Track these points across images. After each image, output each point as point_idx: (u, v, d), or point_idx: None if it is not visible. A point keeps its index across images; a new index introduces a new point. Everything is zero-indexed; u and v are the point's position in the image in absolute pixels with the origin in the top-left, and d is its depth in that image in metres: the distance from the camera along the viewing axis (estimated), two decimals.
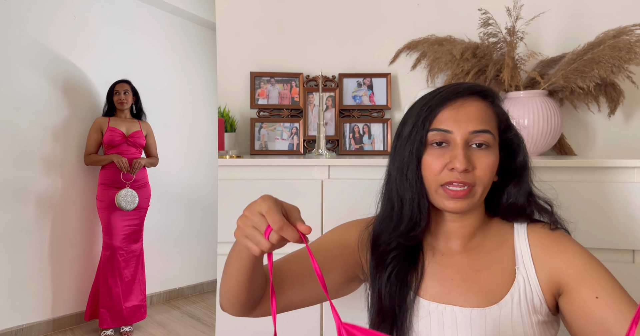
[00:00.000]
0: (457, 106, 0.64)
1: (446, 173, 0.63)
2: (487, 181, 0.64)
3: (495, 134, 0.65)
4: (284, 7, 1.54)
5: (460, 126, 0.63)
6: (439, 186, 0.64)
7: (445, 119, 0.64)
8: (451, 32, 1.47)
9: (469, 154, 0.63)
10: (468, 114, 0.63)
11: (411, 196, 0.66)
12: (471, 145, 0.63)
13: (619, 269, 1.07)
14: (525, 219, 0.70)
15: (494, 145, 0.65)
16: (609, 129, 1.43)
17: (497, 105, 0.69)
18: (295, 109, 1.51)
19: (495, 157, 0.65)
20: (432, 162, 0.64)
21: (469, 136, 0.63)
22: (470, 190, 0.63)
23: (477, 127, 0.63)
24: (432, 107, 0.65)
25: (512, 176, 0.69)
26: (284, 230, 0.50)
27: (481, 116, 0.64)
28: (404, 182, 0.67)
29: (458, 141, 0.63)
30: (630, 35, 1.20)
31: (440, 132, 0.63)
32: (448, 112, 0.64)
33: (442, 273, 0.69)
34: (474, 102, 0.65)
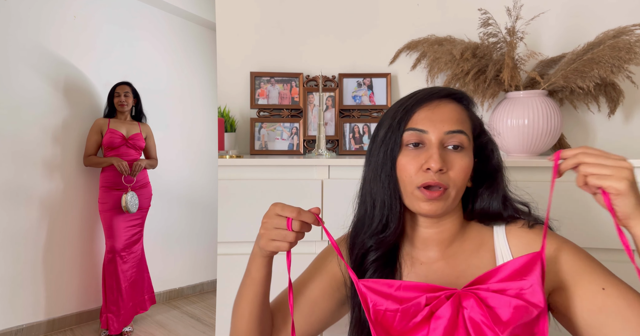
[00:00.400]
0: (433, 107, 0.65)
1: (421, 174, 0.62)
2: (461, 183, 0.64)
3: (470, 137, 0.66)
4: (284, 7, 1.54)
5: (436, 126, 0.63)
6: (415, 188, 0.63)
7: (421, 119, 0.64)
8: (451, 32, 1.47)
9: (444, 154, 0.63)
10: (443, 114, 0.64)
11: (382, 198, 0.66)
12: (446, 146, 0.64)
13: (619, 270, 1.06)
14: (502, 221, 0.70)
15: (469, 148, 0.65)
16: (609, 129, 1.43)
17: (471, 110, 0.70)
18: (295, 109, 1.52)
19: (470, 160, 0.65)
20: (408, 163, 0.64)
21: (444, 137, 0.63)
22: (444, 191, 0.62)
23: (453, 127, 0.63)
24: (408, 108, 0.66)
25: (485, 180, 0.69)
26: (302, 214, 0.59)
27: (456, 117, 0.65)
28: (377, 183, 0.67)
29: (433, 141, 0.63)
30: (630, 35, 1.20)
31: (416, 132, 0.64)
32: (424, 112, 0.65)
33: None
34: (449, 104, 0.66)
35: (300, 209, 0.59)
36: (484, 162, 0.70)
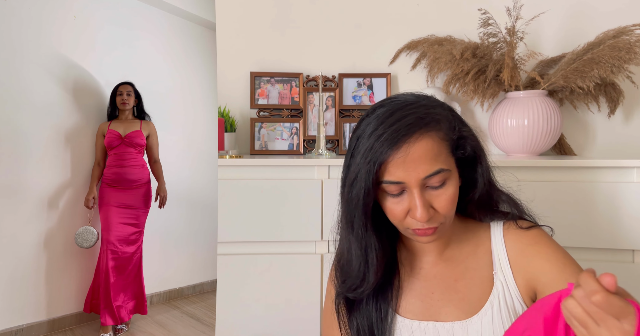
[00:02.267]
0: (403, 155, 0.58)
1: (410, 220, 0.61)
2: (451, 213, 0.62)
3: (451, 163, 0.61)
4: (284, 7, 1.54)
5: (411, 175, 0.58)
6: (405, 228, 0.62)
7: (395, 171, 0.58)
8: (451, 32, 1.47)
9: (427, 198, 0.59)
10: (415, 161, 0.58)
11: (357, 252, 0.64)
12: (428, 186, 0.60)
13: (619, 270, 1.07)
14: (499, 217, 0.68)
15: (452, 175, 0.61)
16: (609, 129, 1.43)
17: (443, 128, 0.61)
18: (295, 109, 1.51)
19: (455, 185, 0.61)
20: (393, 209, 0.61)
21: (422, 181, 0.58)
22: (437, 229, 0.61)
23: (429, 171, 0.58)
24: (379, 159, 0.59)
25: (474, 179, 0.66)
26: None
27: (429, 155, 0.58)
28: (350, 234, 0.64)
29: (413, 189, 0.59)
30: (630, 35, 1.20)
31: (393, 184, 0.59)
32: (395, 162, 0.58)
33: (422, 288, 0.68)
34: (418, 142, 0.58)
35: None
36: (469, 166, 0.66)
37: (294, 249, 1.18)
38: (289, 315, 1.16)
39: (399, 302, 0.68)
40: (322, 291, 1.16)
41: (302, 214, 1.16)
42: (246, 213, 1.16)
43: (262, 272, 1.17)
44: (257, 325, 1.17)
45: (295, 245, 1.18)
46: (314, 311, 1.16)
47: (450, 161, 0.61)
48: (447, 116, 0.63)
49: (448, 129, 0.62)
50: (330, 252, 1.18)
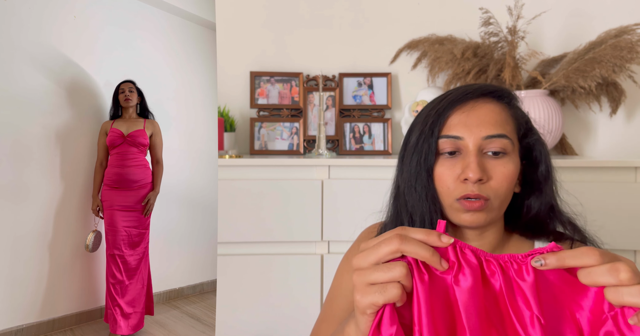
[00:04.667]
0: (468, 109, 0.57)
1: (460, 185, 0.56)
2: (504, 193, 0.56)
3: (514, 139, 0.58)
4: (284, 7, 1.54)
5: (472, 131, 0.56)
6: (454, 200, 0.57)
7: (455, 125, 0.57)
8: (452, 32, 1.46)
9: (483, 162, 0.56)
10: (480, 117, 0.57)
11: (421, 213, 0.59)
12: (486, 153, 0.56)
13: None
14: (547, 238, 0.62)
15: (513, 152, 0.57)
16: (611, 128, 1.42)
17: (514, 106, 0.61)
18: (295, 108, 1.51)
19: (515, 165, 0.57)
20: (443, 173, 0.57)
21: (482, 142, 0.56)
22: (485, 203, 0.55)
23: (491, 131, 0.56)
24: (440, 112, 0.58)
25: (533, 186, 0.62)
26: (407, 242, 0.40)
27: (495, 118, 0.57)
28: (413, 196, 0.60)
29: (470, 148, 0.56)
30: (632, 34, 1.19)
31: (450, 139, 0.57)
32: (458, 116, 0.57)
33: None
34: (486, 104, 0.58)
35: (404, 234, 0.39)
36: (531, 166, 0.62)
37: (294, 250, 1.18)
38: (289, 315, 1.16)
39: None
40: (322, 292, 1.16)
41: (302, 215, 1.16)
42: (246, 213, 1.16)
43: (262, 272, 1.16)
44: (257, 325, 1.16)
45: (295, 245, 1.18)
46: (314, 312, 1.15)
47: (515, 140, 0.58)
48: (519, 103, 0.63)
49: (519, 110, 0.61)
50: (330, 252, 1.18)
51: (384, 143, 1.48)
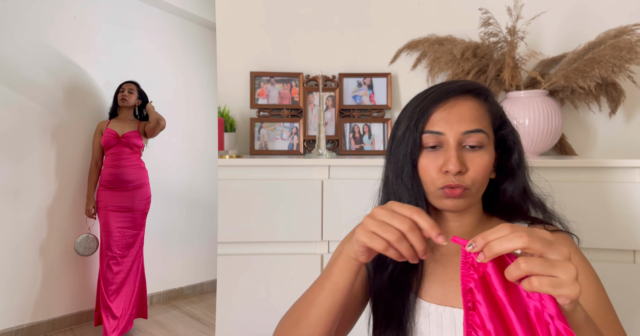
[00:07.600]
0: (449, 107, 0.64)
1: (442, 176, 0.63)
2: (481, 181, 0.64)
3: (490, 133, 0.65)
4: (284, 7, 1.54)
5: (452, 127, 0.63)
6: (436, 188, 0.64)
7: (437, 121, 0.64)
8: (451, 32, 1.47)
9: (462, 155, 0.63)
10: (460, 114, 0.63)
11: (408, 200, 0.66)
12: (465, 146, 0.63)
13: (620, 270, 1.06)
14: (524, 220, 0.70)
15: (489, 144, 0.65)
16: (610, 129, 1.43)
17: (490, 102, 0.68)
18: (295, 109, 1.51)
19: (490, 156, 0.64)
20: (427, 165, 0.64)
21: (461, 137, 0.63)
22: (464, 191, 0.63)
23: (470, 127, 0.63)
24: (424, 109, 0.65)
25: (508, 173, 0.69)
26: (421, 216, 0.50)
27: (473, 115, 0.64)
28: (400, 185, 0.67)
29: (451, 143, 0.63)
30: (631, 34, 1.20)
31: (433, 134, 0.64)
32: (440, 113, 0.64)
33: (442, 274, 0.69)
34: (465, 102, 0.65)
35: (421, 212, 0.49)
36: (505, 155, 0.69)
37: (294, 250, 1.18)
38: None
39: (420, 285, 0.68)
40: None
41: (302, 215, 1.16)
42: (246, 213, 1.16)
43: (262, 272, 1.16)
44: (257, 325, 1.16)
45: (295, 245, 1.18)
46: None
47: (490, 133, 0.66)
48: (495, 99, 0.69)
49: (494, 105, 0.68)
50: (330, 252, 1.18)
51: (383, 143, 1.48)
